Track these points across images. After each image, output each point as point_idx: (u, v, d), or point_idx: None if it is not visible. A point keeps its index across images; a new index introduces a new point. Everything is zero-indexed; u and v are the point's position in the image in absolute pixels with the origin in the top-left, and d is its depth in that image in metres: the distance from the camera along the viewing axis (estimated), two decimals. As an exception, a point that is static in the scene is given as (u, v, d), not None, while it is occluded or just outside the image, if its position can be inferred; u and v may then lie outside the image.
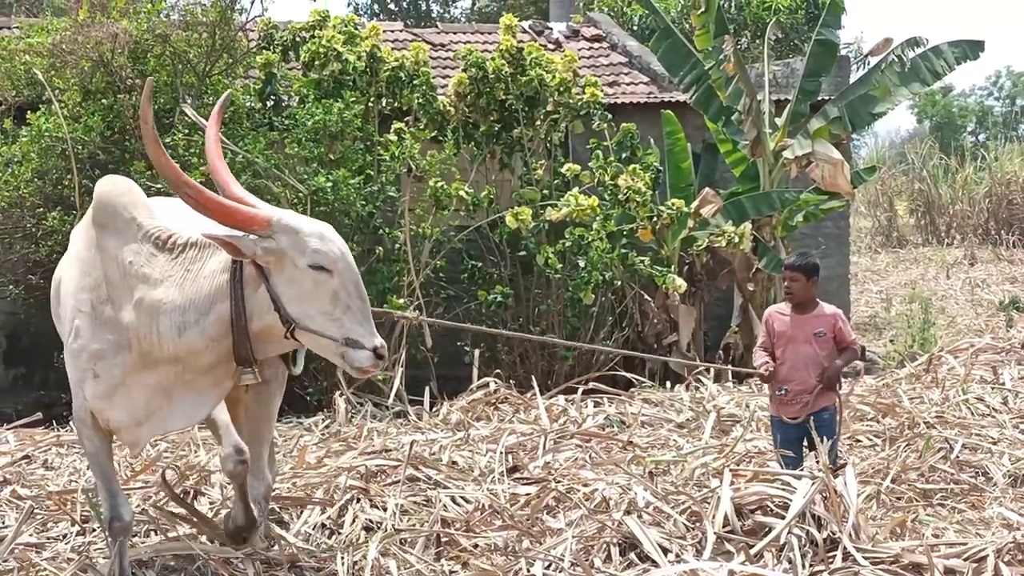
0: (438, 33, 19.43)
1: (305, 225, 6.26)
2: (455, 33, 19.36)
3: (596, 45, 19.67)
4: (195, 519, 7.80)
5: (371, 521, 8.04)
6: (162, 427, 6.77)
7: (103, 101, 13.09)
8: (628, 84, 18.08)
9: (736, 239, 14.47)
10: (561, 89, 14.38)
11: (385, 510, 8.16)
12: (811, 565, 6.80)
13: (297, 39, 14.23)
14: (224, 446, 7.20)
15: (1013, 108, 62.60)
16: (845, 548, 6.87)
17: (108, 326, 6.40)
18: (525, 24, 19.73)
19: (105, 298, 6.42)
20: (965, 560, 6.86)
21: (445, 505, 8.25)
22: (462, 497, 8.50)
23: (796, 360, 8.53)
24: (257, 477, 7.21)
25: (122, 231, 6.44)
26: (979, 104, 63.26)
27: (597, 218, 13.52)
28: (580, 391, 12.16)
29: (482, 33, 18.99)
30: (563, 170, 14.01)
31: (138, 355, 6.38)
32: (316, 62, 13.90)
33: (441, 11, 41.61)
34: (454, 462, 9.46)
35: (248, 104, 13.64)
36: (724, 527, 7.16)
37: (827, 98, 15.74)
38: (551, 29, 19.97)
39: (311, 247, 6.15)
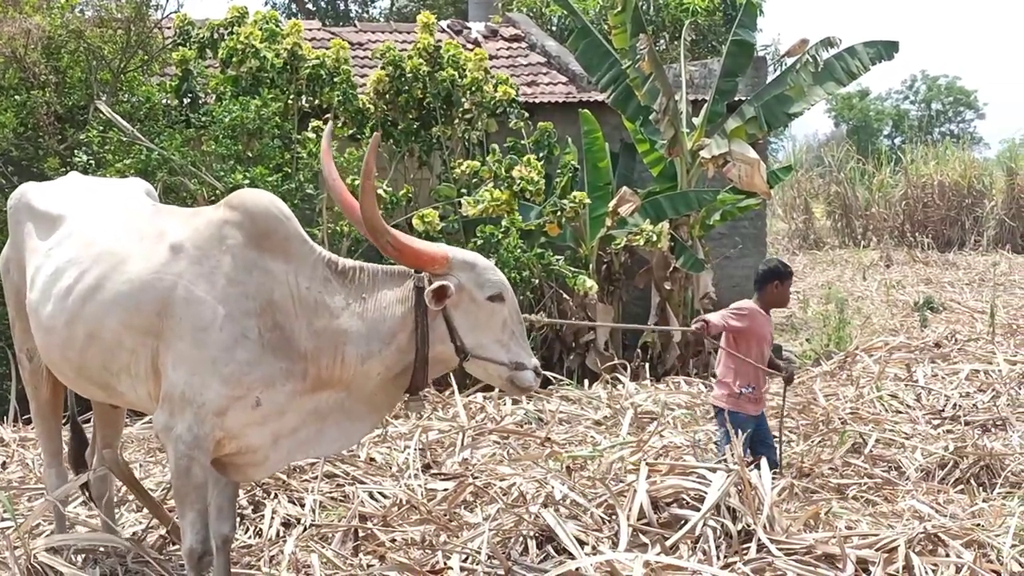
0: (356, 32, 19.38)
1: (478, 259, 6.53)
2: (373, 32, 19.32)
3: (515, 45, 19.70)
4: (147, 503, 7.73)
5: (289, 516, 8.01)
6: (307, 453, 6.76)
7: (16, 97, 12.94)
8: (547, 84, 18.12)
9: (654, 238, 14.52)
10: (473, 88, 14.38)
11: (303, 506, 8.14)
12: (726, 556, 6.82)
13: (215, 36, 14.15)
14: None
15: (928, 112, 63.48)
16: (759, 539, 6.90)
17: (279, 353, 6.27)
18: (444, 24, 19.73)
19: (273, 324, 6.27)
20: (877, 551, 6.92)
21: (363, 501, 8.24)
22: (380, 493, 8.50)
23: (763, 360, 8.93)
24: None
25: (294, 255, 6.37)
26: (895, 108, 64.11)
27: (506, 216, 13.49)
28: (498, 389, 12.17)
29: (400, 32, 18.95)
30: (464, 167, 13.98)
31: (312, 382, 6.37)
32: (234, 59, 13.83)
33: (360, 11, 41.52)
34: (372, 459, 9.43)
35: (165, 101, 13.53)
36: (640, 519, 7.17)
37: (743, 98, 15.85)
38: (469, 29, 19.98)
39: (489, 280, 6.43)
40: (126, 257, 6.38)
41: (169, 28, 14.72)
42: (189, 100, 13.77)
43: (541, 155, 14.34)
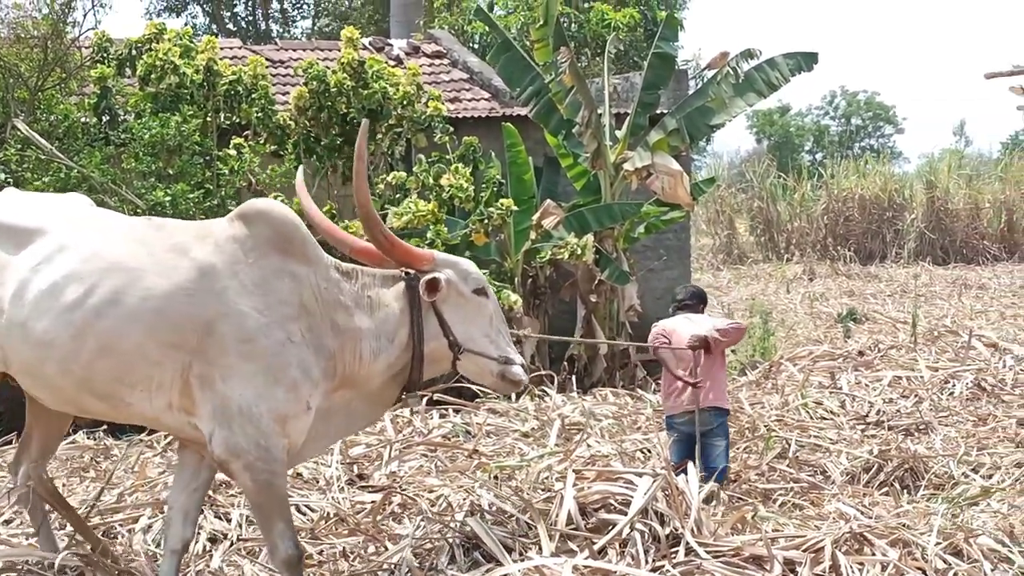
0: (277, 50, 19.30)
1: (459, 258, 7.07)
2: (294, 50, 19.23)
3: (437, 61, 19.71)
4: (72, 520, 7.62)
5: (216, 532, 7.94)
6: (312, 452, 7.10)
7: (-68, 114, 12.81)
8: (470, 100, 18.15)
9: (579, 251, 14.54)
10: (404, 103, 14.36)
11: (229, 521, 8.07)
12: (654, 560, 6.84)
13: (133, 52, 14.03)
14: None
15: (848, 127, 64.11)
16: (687, 543, 6.93)
17: (319, 353, 6.51)
18: (366, 41, 19.68)
19: (308, 327, 6.49)
20: (804, 551, 6.97)
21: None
22: (307, 506, 8.45)
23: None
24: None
25: (311, 258, 6.61)
26: (816, 123, 64.71)
27: (432, 227, 13.45)
28: (425, 401, 12.15)
29: (322, 50, 18.87)
30: (389, 178, 13.94)
31: (339, 381, 6.65)
32: (153, 76, 13.70)
33: (281, 31, 41.44)
34: (299, 473, 9.36)
35: (83, 119, 13.41)
36: (568, 525, 7.18)
37: (666, 111, 15.91)
38: (391, 46, 19.95)
39: (472, 274, 6.94)
40: (142, 271, 6.36)
41: (87, 46, 14.59)
42: (108, 117, 13.63)
43: (467, 170, 14.33)
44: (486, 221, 14.00)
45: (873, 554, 7.01)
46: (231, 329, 6.31)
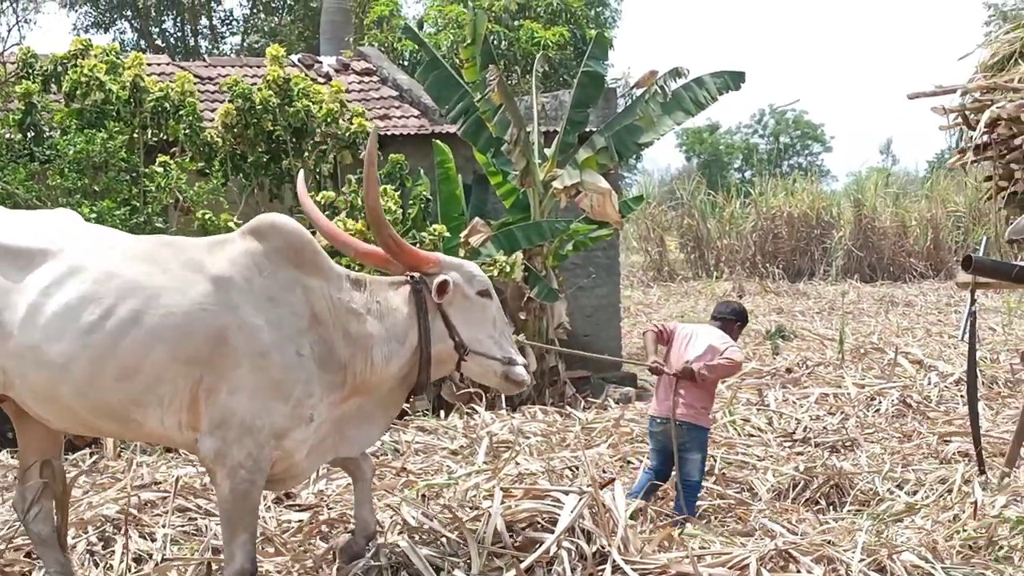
0: (206, 66, 19.22)
1: (464, 260, 7.24)
2: (223, 66, 19.16)
3: (367, 79, 19.71)
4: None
5: (141, 552, 7.84)
6: (330, 457, 7.10)
7: None
8: (399, 117, 18.14)
9: (508, 269, 14.53)
10: (328, 120, 14.32)
11: (155, 540, 7.97)
12: (580, 578, 6.85)
13: (58, 68, 13.91)
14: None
15: (777, 145, 64.60)
16: (614, 561, 6.93)
17: (325, 366, 6.60)
18: (295, 58, 19.67)
19: (319, 338, 6.59)
20: (729, 569, 6.99)
21: (216, 533, 8.09)
22: (232, 526, 8.36)
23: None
24: None
25: (323, 268, 6.71)
26: (744, 141, 65.14)
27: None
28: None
29: (250, 66, 18.81)
30: (319, 197, 13.89)
31: (349, 390, 6.75)
32: (78, 92, 13.59)
33: (210, 47, 41.23)
34: (226, 493, 9.28)
35: (7, 135, 13.28)
36: (496, 543, 7.16)
37: (594, 129, 15.96)
38: (321, 63, 19.93)
39: (477, 276, 7.04)
40: (159, 290, 6.37)
41: (12, 62, 14.45)
42: (33, 134, 13.51)
43: (394, 187, 14.30)
44: (417, 245, 13.97)
45: (798, 571, 7.03)
46: (245, 342, 6.39)
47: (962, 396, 11.42)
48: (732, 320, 9.63)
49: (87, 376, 6.29)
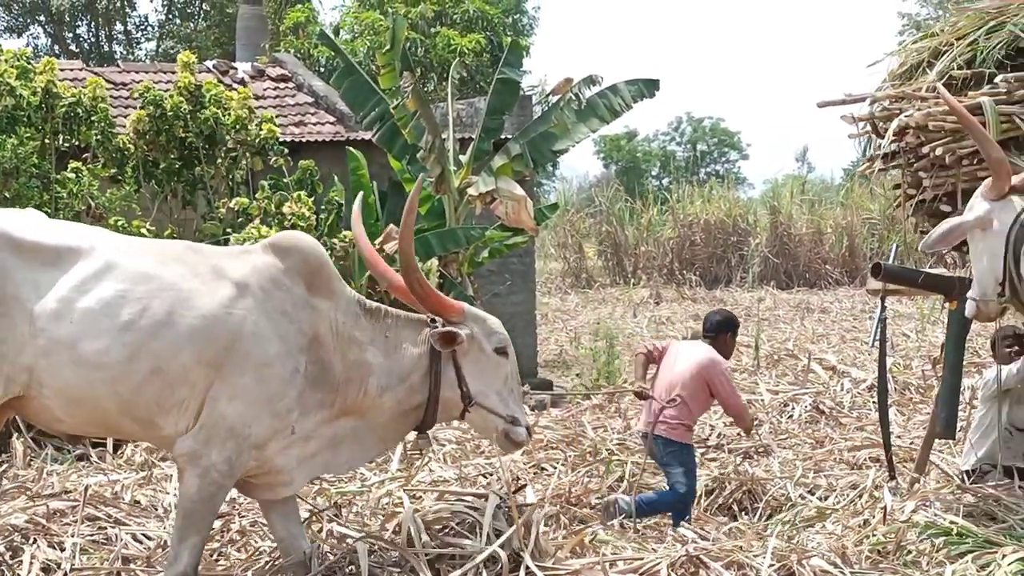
0: (120, 72, 19.08)
1: (488, 316, 7.28)
2: (137, 72, 19.02)
3: (282, 85, 19.65)
4: None
5: (49, 562, 7.75)
6: (324, 471, 7.36)
7: None
8: (315, 124, 18.10)
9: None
10: (238, 126, 14.23)
11: (63, 550, 7.88)
12: (493, 583, 6.87)
13: (-33, 74, 13.71)
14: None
15: (694, 152, 65.00)
16: (527, 566, 7.00)
17: (316, 385, 6.75)
18: (209, 64, 19.56)
19: (315, 358, 6.73)
20: (640, 574, 7.04)
21: (126, 543, 8.03)
22: (143, 534, 8.27)
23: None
24: None
25: (335, 292, 6.89)
26: (662, 149, 65.51)
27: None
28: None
29: (164, 72, 18.68)
30: (232, 204, 13.80)
31: (338, 410, 6.87)
32: (-12, 97, 13.41)
33: (125, 53, 40.89)
34: (137, 501, 9.19)
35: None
36: (409, 547, 7.22)
37: (510, 136, 15.97)
38: (235, 69, 19.83)
39: (497, 333, 7.16)
40: (192, 292, 6.53)
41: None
42: (-58, 140, 13.31)
43: (307, 193, 14.22)
44: (330, 252, 13.90)
45: (708, 576, 7.08)
46: (255, 350, 6.55)
47: (874, 402, 11.53)
48: (722, 332, 9.69)
49: (121, 375, 6.39)
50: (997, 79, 8.63)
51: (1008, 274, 7.65)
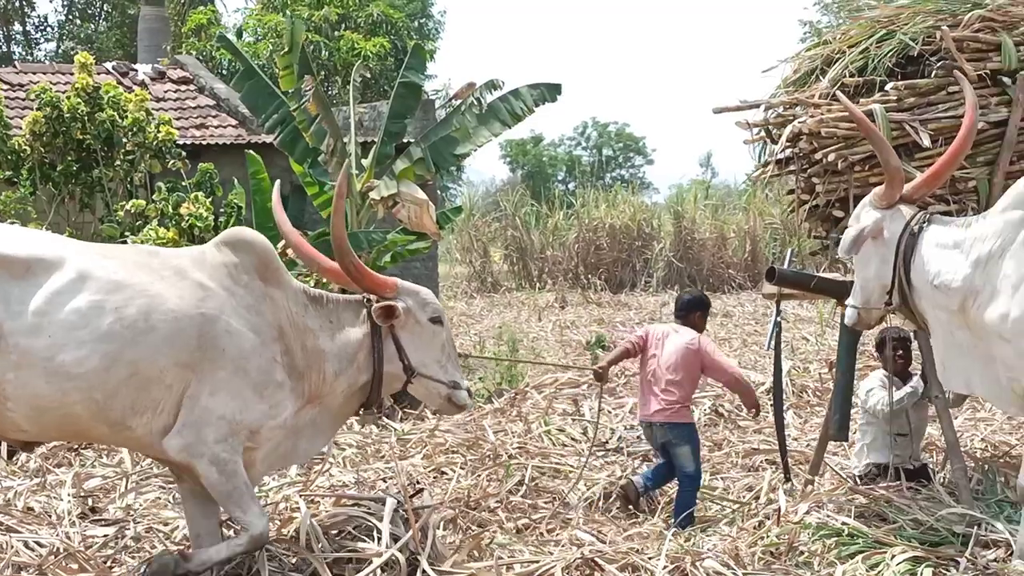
0: (16, 73, 18.88)
1: (420, 287, 7.60)
2: (35, 73, 18.81)
3: (183, 87, 19.54)
4: None
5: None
6: (283, 465, 7.67)
7: None
8: (216, 127, 18.01)
9: (324, 279, 14.44)
10: (135, 129, 14.12)
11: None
12: (390, 586, 6.90)
13: None
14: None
15: (599, 157, 65.25)
16: (423, 570, 7.09)
17: (292, 374, 7.04)
18: (109, 65, 19.38)
19: (285, 348, 7.02)
20: (536, 577, 7.08)
21: (17, 550, 7.94)
22: (36, 542, 8.18)
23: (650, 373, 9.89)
24: None
25: (284, 283, 7.14)
26: (568, 153, 65.72)
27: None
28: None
29: (63, 73, 18.52)
30: (128, 206, 13.70)
31: (307, 400, 7.16)
32: None
33: (24, 53, 40.39)
34: (30, 508, 9.09)
35: None
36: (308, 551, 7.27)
37: (412, 140, 15.96)
38: (136, 71, 19.67)
39: (430, 303, 7.50)
40: (162, 297, 6.68)
41: None
42: None
43: (207, 197, 14.15)
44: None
45: (602, 578, 7.14)
46: (231, 347, 6.78)
47: (772, 405, 11.64)
48: (692, 311, 10.05)
49: (98, 383, 6.50)
50: (888, 87, 8.81)
51: (899, 282, 7.77)
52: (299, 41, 15.39)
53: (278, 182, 8.24)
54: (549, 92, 15.60)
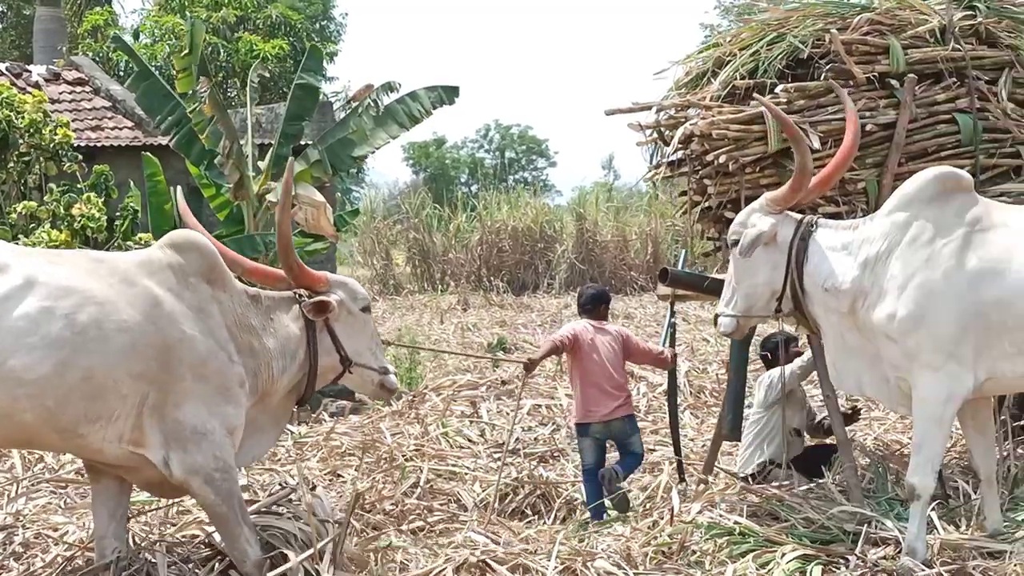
0: (-94, 74, 18.57)
1: (348, 279, 7.81)
2: (-74, 74, 18.54)
3: (79, 89, 19.34)
4: None
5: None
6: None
7: None
8: (112, 128, 17.85)
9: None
10: (32, 130, 13.95)
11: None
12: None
13: None
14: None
15: (502, 160, 65.38)
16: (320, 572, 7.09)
17: (249, 373, 7.06)
18: (3, 66, 19.14)
19: (237, 348, 7.00)
20: (429, 579, 7.09)
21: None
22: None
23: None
24: None
25: (228, 284, 7.12)
26: (471, 156, 65.75)
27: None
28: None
29: (-45, 74, 18.27)
30: (20, 208, 13.53)
31: (256, 398, 7.17)
32: None
33: (-83, 53, 39.83)
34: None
35: None
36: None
37: (309, 142, 15.90)
38: (30, 72, 19.44)
39: (360, 294, 7.69)
40: (112, 304, 6.56)
41: None
42: None
43: (101, 199, 14.00)
44: (123, 255, 13.74)
45: (494, 579, 7.15)
46: (187, 353, 6.73)
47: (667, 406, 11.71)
48: (599, 304, 10.02)
49: (49, 390, 6.36)
50: (778, 89, 8.91)
51: (792, 287, 7.82)
52: (199, 43, 15.26)
53: (179, 188, 8.35)
54: (447, 94, 15.61)
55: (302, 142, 15.87)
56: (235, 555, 6.97)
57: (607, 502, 9.39)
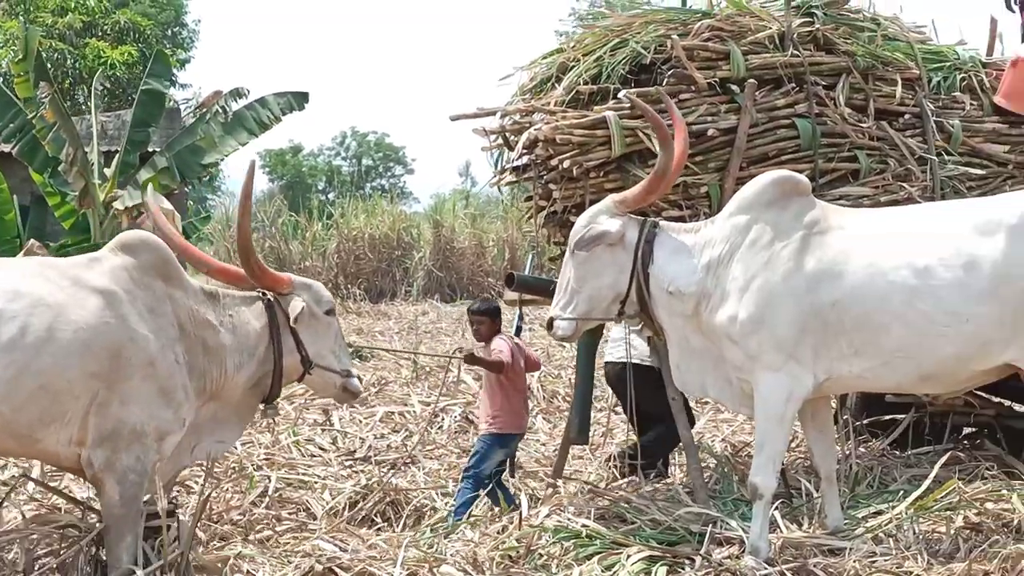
0: None
1: (312, 281, 7.86)
2: None
3: (-80, 95, 18.83)
4: None
5: None
6: (187, 460, 7.50)
7: None
8: (-47, 136, 17.40)
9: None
10: None
11: None
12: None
13: None
14: None
15: (359, 167, 65.19)
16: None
17: (192, 373, 7.03)
18: None
19: (187, 347, 7.01)
20: (272, 589, 7.04)
21: None
22: None
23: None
24: None
25: (183, 282, 7.10)
26: (328, 163, 65.47)
27: None
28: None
29: None
30: None
31: (208, 396, 7.19)
32: None
33: None
34: None
35: None
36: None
37: (157, 149, 15.72)
38: None
39: (324, 297, 7.69)
40: (63, 307, 6.58)
41: None
42: None
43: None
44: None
45: (339, 587, 7.13)
46: (137, 353, 6.73)
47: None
48: (498, 316, 10.15)
49: (7, 394, 6.41)
50: (621, 94, 8.95)
51: (639, 290, 7.86)
52: (34, 48, 15.01)
53: (150, 188, 8.61)
54: (296, 100, 15.54)
55: (150, 149, 15.66)
56: (110, 558, 6.91)
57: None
